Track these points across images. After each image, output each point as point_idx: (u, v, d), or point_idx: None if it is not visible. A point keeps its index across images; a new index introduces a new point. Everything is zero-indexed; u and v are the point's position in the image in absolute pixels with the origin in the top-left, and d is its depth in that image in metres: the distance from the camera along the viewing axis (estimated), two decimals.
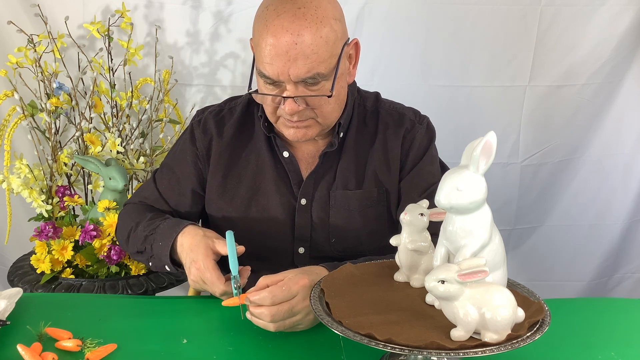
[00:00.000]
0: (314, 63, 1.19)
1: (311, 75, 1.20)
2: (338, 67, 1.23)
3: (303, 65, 1.18)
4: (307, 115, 1.27)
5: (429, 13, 2.15)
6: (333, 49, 1.22)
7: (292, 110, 1.23)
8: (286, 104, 1.23)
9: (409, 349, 0.85)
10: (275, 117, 1.30)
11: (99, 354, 1.04)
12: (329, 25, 1.20)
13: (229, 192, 1.39)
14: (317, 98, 1.24)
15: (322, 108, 1.26)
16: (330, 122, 1.32)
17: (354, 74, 1.35)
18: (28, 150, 2.01)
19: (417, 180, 1.37)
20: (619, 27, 2.20)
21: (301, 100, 1.23)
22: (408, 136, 1.39)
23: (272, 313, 1.07)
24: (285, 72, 1.19)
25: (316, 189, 1.37)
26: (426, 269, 1.01)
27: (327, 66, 1.21)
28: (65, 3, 2.05)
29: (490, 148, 0.89)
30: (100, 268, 1.80)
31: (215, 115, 1.43)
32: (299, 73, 1.19)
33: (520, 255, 2.46)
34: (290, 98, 1.22)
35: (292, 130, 1.29)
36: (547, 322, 0.91)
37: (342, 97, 1.32)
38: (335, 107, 1.30)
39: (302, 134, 1.29)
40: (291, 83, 1.21)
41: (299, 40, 1.17)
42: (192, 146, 1.42)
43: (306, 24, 1.17)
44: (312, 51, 1.18)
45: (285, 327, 1.09)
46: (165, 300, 1.39)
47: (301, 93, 1.22)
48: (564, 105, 2.29)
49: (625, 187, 2.42)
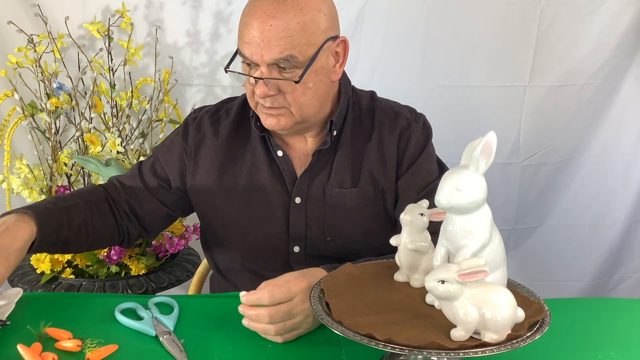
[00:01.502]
0: (287, 45, 1.21)
1: (283, 57, 1.22)
2: (315, 58, 1.25)
3: (276, 46, 1.21)
4: (279, 102, 1.27)
5: (429, 13, 2.15)
6: (311, 38, 1.23)
7: (262, 93, 1.25)
8: (257, 86, 1.25)
9: (409, 349, 0.85)
10: (254, 103, 1.31)
11: (100, 354, 1.04)
12: (310, 14, 1.23)
13: (224, 191, 1.39)
14: (288, 85, 1.25)
15: (294, 96, 1.26)
16: (306, 115, 1.31)
17: (340, 73, 1.35)
18: (28, 150, 2.00)
19: (415, 178, 1.37)
20: (619, 27, 2.20)
21: (273, 85, 1.25)
22: (404, 134, 1.39)
23: (271, 314, 1.07)
24: (259, 53, 1.22)
25: (310, 187, 1.37)
26: (426, 269, 1.01)
27: (303, 52, 1.23)
28: (65, 3, 2.05)
29: (490, 148, 0.89)
30: (100, 268, 1.80)
31: (211, 115, 1.44)
32: (272, 54, 1.21)
33: (520, 255, 2.46)
34: (260, 80, 1.24)
35: (267, 118, 1.30)
36: (547, 322, 0.91)
37: (321, 92, 1.31)
38: (313, 100, 1.30)
39: (276, 122, 1.30)
40: (264, 65, 1.23)
41: (275, 23, 1.20)
42: (183, 140, 1.43)
43: (285, 8, 1.21)
44: (287, 34, 1.21)
45: (286, 329, 1.09)
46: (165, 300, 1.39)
47: (273, 77, 1.24)
48: (564, 105, 2.29)
49: (625, 187, 2.42)
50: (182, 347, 1.07)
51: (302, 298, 1.09)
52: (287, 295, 1.08)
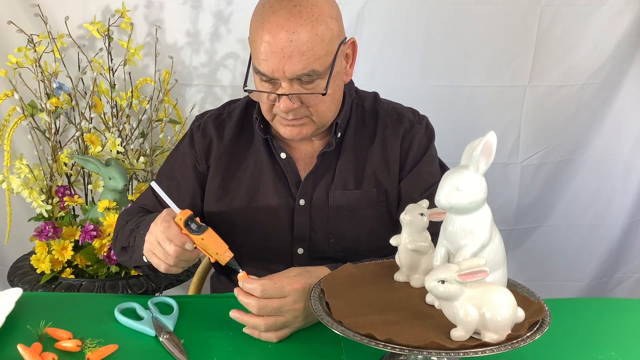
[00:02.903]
0: (309, 60, 1.19)
1: (306, 72, 1.20)
2: (334, 66, 1.24)
3: (298, 62, 1.19)
4: (302, 113, 1.27)
5: (429, 13, 2.15)
6: (329, 47, 1.22)
7: (287, 108, 1.24)
8: (281, 101, 1.23)
9: (409, 349, 0.85)
10: (271, 115, 1.30)
11: (100, 354, 1.04)
12: (325, 23, 1.21)
13: (228, 194, 1.39)
14: (312, 96, 1.24)
15: (317, 106, 1.26)
16: (325, 121, 1.32)
17: (351, 73, 1.35)
18: (28, 150, 2.01)
19: (418, 180, 1.37)
20: (619, 27, 2.20)
21: (296, 98, 1.24)
22: (407, 136, 1.39)
23: (260, 305, 1.08)
24: (280, 69, 1.20)
25: (315, 189, 1.37)
26: (426, 269, 1.01)
27: (323, 64, 1.22)
28: (65, 3, 2.05)
29: (490, 148, 0.89)
30: (100, 268, 1.80)
31: (214, 119, 1.44)
32: (294, 70, 1.19)
33: (520, 255, 2.46)
34: (285, 95, 1.22)
35: (287, 128, 1.29)
36: (547, 322, 0.91)
37: (337, 97, 1.32)
38: (331, 106, 1.30)
39: (297, 132, 1.30)
40: (286, 80, 1.21)
41: (294, 38, 1.18)
42: (191, 149, 1.42)
43: (302, 21, 1.18)
44: (308, 48, 1.18)
45: (276, 326, 1.09)
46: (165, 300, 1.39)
47: (296, 91, 1.23)
48: (564, 105, 2.29)
49: (625, 187, 2.42)
50: (182, 347, 1.07)
51: (295, 298, 1.09)
52: (279, 292, 1.08)
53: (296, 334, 1.12)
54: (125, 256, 1.34)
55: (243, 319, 1.10)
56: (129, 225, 1.33)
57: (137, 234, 1.28)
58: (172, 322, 1.14)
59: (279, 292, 1.08)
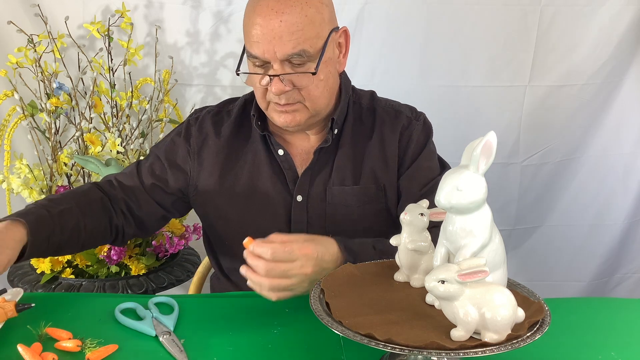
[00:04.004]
0: (299, 40, 1.22)
1: (296, 51, 1.22)
2: (324, 50, 1.26)
3: (288, 42, 1.22)
4: (294, 98, 1.28)
5: (429, 13, 2.15)
6: (319, 30, 1.25)
7: (279, 90, 1.25)
8: (272, 83, 1.25)
9: (409, 349, 0.85)
10: (265, 103, 1.32)
11: (99, 354, 1.04)
12: (315, 7, 1.24)
13: (225, 191, 1.39)
14: (303, 77, 1.25)
15: (309, 90, 1.28)
16: (319, 108, 1.33)
17: (344, 63, 1.37)
18: (28, 150, 2.01)
19: (417, 175, 1.38)
20: (619, 27, 2.20)
21: (287, 80, 1.25)
22: (405, 133, 1.40)
23: (268, 268, 1.08)
24: (271, 50, 1.22)
25: (312, 185, 1.37)
26: (426, 269, 1.01)
27: (313, 45, 1.24)
28: (65, 3, 2.05)
29: (490, 148, 0.89)
30: (100, 268, 1.80)
31: (213, 116, 1.44)
32: (285, 50, 1.22)
33: (520, 255, 2.46)
34: (276, 76, 1.24)
35: (282, 115, 1.31)
36: (547, 322, 0.91)
37: (330, 84, 1.33)
38: (324, 92, 1.31)
39: (291, 118, 1.30)
40: (277, 62, 1.23)
41: (284, 19, 1.21)
42: (186, 142, 1.43)
43: (291, 3, 1.22)
44: (297, 28, 1.21)
45: (280, 287, 1.10)
46: (165, 300, 1.39)
47: (288, 72, 1.25)
48: (564, 105, 2.29)
49: (625, 187, 2.42)
50: (182, 347, 1.07)
51: (303, 263, 1.10)
52: (289, 256, 1.09)
53: (296, 334, 1.12)
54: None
55: (249, 276, 1.11)
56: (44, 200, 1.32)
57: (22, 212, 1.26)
58: (172, 322, 1.14)
59: (288, 255, 1.09)
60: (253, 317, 1.18)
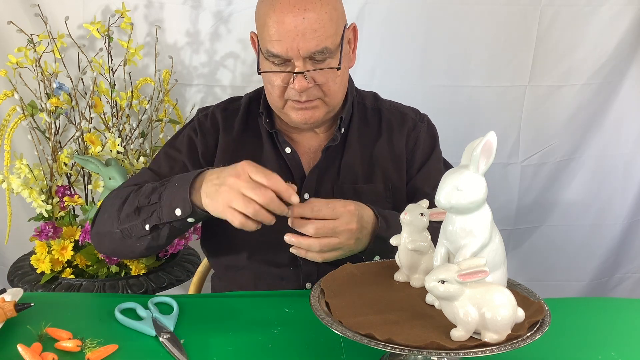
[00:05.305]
0: (321, 37, 1.22)
1: (320, 49, 1.23)
2: (342, 45, 1.27)
3: (312, 39, 1.21)
4: (314, 94, 1.28)
5: (429, 13, 2.15)
6: (337, 26, 1.26)
7: (302, 87, 1.25)
8: (296, 81, 1.24)
9: (409, 349, 0.85)
10: (282, 102, 1.31)
11: (99, 354, 1.04)
12: (331, 3, 1.25)
13: None
14: (327, 73, 1.26)
15: (329, 85, 1.28)
16: (336, 104, 1.34)
17: (354, 58, 1.38)
18: (28, 150, 2.01)
19: (428, 176, 1.40)
20: (619, 27, 2.21)
21: (310, 77, 1.25)
22: (412, 134, 1.42)
23: (317, 227, 1.10)
24: (295, 48, 1.22)
25: (320, 184, 1.38)
26: (426, 269, 1.01)
27: (333, 42, 1.25)
28: (65, 3, 2.05)
29: (490, 148, 0.89)
30: (100, 268, 1.80)
31: (222, 110, 1.45)
32: (309, 47, 1.22)
33: (520, 255, 2.46)
34: (300, 74, 1.24)
35: (300, 112, 1.30)
36: (547, 322, 0.91)
37: (345, 80, 1.34)
38: (341, 87, 1.32)
39: (310, 115, 1.31)
40: (300, 59, 1.23)
41: (306, 16, 1.21)
42: (203, 138, 1.41)
43: (310, 0, 1.21)
44: (320, 25, 1.22)
45: (329, 247, 1.12)
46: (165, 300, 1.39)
47: (312, 69, 1.25)
48: (564, 105, 2.29)
49: (625, 187, 2.42)
50: (182, 347, 1.07)
51: (348, 220, 1.12)
52: (332, 213, 1.11)
53: (296, 334, 1.12)
54: (138, 219, 1.24)
55: (298, 241, 1.12)
56: (148, 187, 1.27)
57: (164, 190, 1.22)
58: (172, 322, 1.14)
59: (331, 212, 1.11)
60: (253, 317, 1.18)
